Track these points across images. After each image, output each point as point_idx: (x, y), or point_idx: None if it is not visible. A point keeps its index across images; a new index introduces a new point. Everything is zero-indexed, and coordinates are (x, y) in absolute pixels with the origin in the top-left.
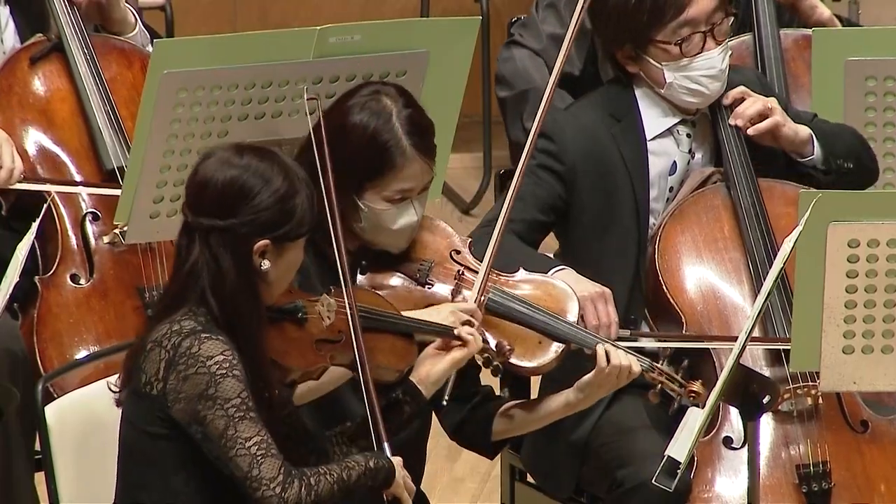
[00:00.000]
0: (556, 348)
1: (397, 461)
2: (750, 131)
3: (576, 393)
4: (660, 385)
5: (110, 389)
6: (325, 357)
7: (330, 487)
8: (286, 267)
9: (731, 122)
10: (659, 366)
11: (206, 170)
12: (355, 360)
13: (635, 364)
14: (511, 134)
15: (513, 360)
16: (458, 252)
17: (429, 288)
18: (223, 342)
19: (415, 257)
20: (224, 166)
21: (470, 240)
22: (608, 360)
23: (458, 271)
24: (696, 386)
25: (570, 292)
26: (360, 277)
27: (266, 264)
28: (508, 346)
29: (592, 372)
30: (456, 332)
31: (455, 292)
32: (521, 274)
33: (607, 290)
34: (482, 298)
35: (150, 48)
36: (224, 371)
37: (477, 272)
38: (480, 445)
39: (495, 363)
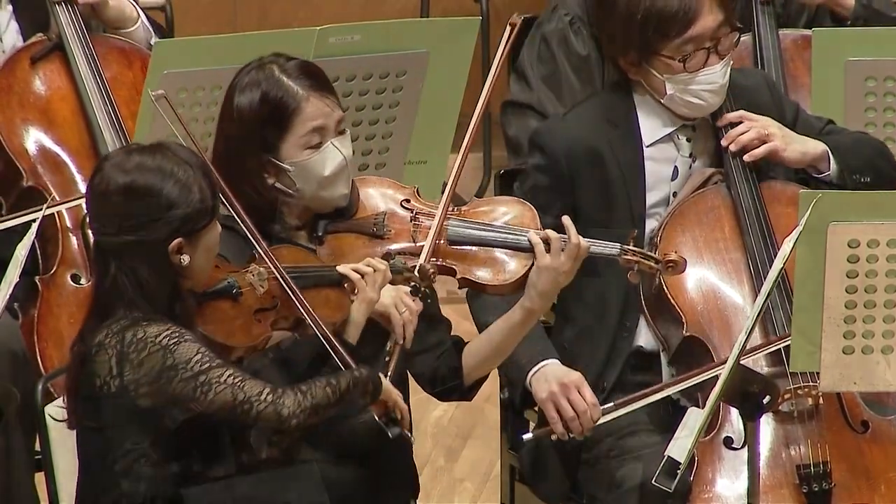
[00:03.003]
0: (524, 260)
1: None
2: (746, 157)
3: (529, 294)
4: (636, 265)
5: (53, 418)
6: (265, 325)
7: (323, 391)
8: (206, 250)
9: (724, 143)
10: (630, 247)
11: (99, 183)
12: (295, 321)
13: (583, 241)
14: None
15: (485, 282)
16: (408, 200)
17: (388, 238)
18: (165, 322)
19: (367, 214)
20: (118, 173)
21: (416, 187)
22: (548, 246)
23: (413, 214)
24: (672, 255)
25: (519, 201)
26: (319, 248)
27: (186, 259)
28: (431, 268)
29: (535, 265)
30: (354, 268)
31: (414, 235)
32: (474, 201)
33: (575, 375)
34: (443, 231)
35: (154, 41)
36: (175, 339)
37: (429, 214)
38: (455, 389)
39: (422, 288)
